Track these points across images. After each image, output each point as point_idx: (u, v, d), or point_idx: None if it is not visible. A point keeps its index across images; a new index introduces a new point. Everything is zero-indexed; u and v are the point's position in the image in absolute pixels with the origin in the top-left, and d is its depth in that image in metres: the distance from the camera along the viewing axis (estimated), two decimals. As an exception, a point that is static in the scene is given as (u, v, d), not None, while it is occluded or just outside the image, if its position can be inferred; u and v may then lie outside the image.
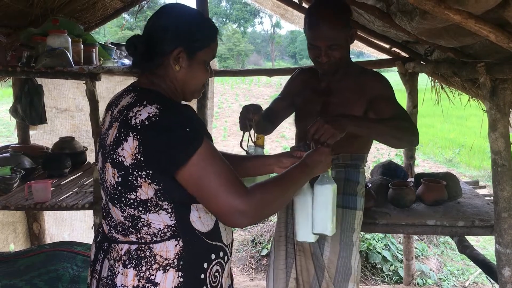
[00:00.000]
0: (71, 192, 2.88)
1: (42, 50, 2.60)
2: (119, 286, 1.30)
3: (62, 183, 3.07)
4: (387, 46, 3.40)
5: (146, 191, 1.27)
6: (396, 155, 7.31)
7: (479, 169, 8.28)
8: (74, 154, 3.38)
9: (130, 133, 1.24)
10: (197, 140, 1.25)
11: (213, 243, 1.39)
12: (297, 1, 3.27)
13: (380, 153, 8.27)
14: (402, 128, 1.84)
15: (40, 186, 2.62)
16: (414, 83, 3.39)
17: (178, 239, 1.32)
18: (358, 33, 3.32)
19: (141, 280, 1.30)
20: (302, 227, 1.72)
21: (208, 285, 1.37)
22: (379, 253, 4.21)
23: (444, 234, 2.54)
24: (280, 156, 1.71)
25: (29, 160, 3.16)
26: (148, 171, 1.25)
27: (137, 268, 1.30)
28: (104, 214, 1.44)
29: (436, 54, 2.76)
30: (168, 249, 1.31)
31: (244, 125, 1.89)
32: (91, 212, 2.79)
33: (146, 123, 1.23)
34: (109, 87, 3.94)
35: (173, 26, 1.36)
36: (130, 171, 1.26)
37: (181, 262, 1.32)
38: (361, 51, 4.14)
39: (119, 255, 1.33)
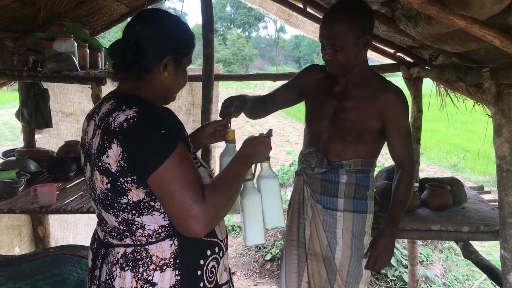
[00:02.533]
0: (76, 196, 2.89)
1: (49, 55, 2.63)
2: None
3: (67, 186, 3.08)
4: (392, 51, 3.40)
5: (137, 193, 1.29)
6: (400, 160, 7.28)
7: (484, 174, 8.25)
8: (79, 158, 3.36)
9: (114, 139, 1.25)
10: (171, 144, 1.25)
11: (209, 239, 1.41)
12: (301, 6, 3.28)
13: (384, 158, 8.24)
14: (411, 189, 2.08)
15: (45, 190, 2.63)
16: (418, 88, 3.39)
17: (173, 238, 1.34)
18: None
19: (139, 282, 1.31)
20: (254, 228, 1.67)
21: (205, 281, 1.39)
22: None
23: (449, 239, 2.53)
24: (203, 127, 1.81)
25: (34, 164, 3.17)
26: (133, 177, 1.27)
27: (134, 270, 1.32)
28: (98, 220, 1.46)
29: (440, 59, 2.76)
30: (164, 249, 1.33)
31: (223, 117, 1.80)
32: (95, 216, 2.79)
33: (125, 125, 1.24)
34: (114, 91, 3.96)
35: (161, 34, 1.37)
36: (117, 177, 1.27)
37: (178, 261, 1.34)
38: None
39: (116, 259, 1.35)
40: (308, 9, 3.29)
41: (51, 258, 2.60)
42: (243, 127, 14.47)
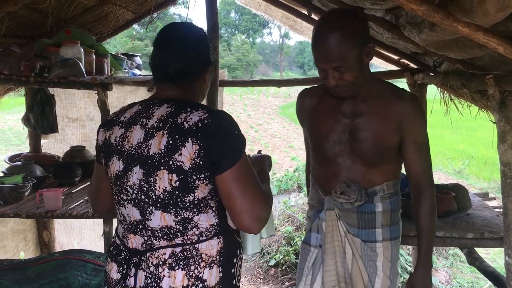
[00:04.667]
0: (82, 201, 2.91)
1: (55, 61, 2.65)
2: None
3: (73, 191, 3.10)
4: (396, 57, 3.41)
5: (203, 191, 1.37)
6: (405, 166, 7.28)
7: (489, 180, 8.23)
8: (84, 163, 3.42)
9: (189, 138, 1.33)
10: (243, 144, 1.40)
11: (239, 239, 1.54)
12: (306, 13, 3.30)
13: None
14: (435, 214, 1.92)
15: (51, 195, 2.65)
16: (423, 94, 3.40)
17: (220, 236, 1.44)
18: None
19: (190, 279, 1.38)
20: (255, 238, 1.82)
21: (236, 279, 1.50)
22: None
23: (453, 245, 2.52)
24: None
25: (40, 169, 3.20)
26: (206, 173, 1.35)
27: (185, 268, 1.38)
28: (133, 228, 1.47)
29: (444, 66, 2.77)
30: (212, 247, 1.42)
31: None
32: (100, 220, 2.81)
33: (199, 125, 1.33)
34: (119, 97, 3.98)
35: (202, 48, 1.52)
36: (189, 174, 1.34)
37: (221, 258, 1.43)
38: (370, 62, 4.15)
39: (162, 260, 1.39)
40: (313, 16, 3.31)
41: (56, 263, 2.62)
42: (247, 133, 14.48)
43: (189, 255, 1.39)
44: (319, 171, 1.98)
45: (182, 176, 1.33)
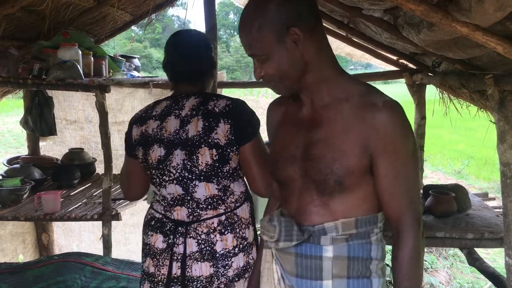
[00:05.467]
0: (80, 203, 2.90)
1: (53, 63, 2.65)
2: (221, 250, 1.67)
3: (71, 194, 3.09)
4: (395, 57, 3.40)
5: (235, 161, 1.68)
6: (404, 167, 7.26)
7: (488, 181, 8.22)
8: (83, 165, 3.41)
9: (221, 119, 1.64)
10: (259, 123, 1.74)
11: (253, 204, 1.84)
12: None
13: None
14: (420, 260, 1.34)
15: (49, 197, 2.64)
16: (422, 95, 3.39)
17: (248, 201, 1.78)
18: (365, 44, 3.36)
19: (238, 239, 1.70)
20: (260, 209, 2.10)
21: (257, 238, 1.76)
22: (387, 265, 4.18)
23: (453, 246, 2.52)
24: None
25: (39, 171, 3.19)
26: (236, 146, 1.66)
27: (233, 232, 1.69)
28: (177, 203, 1.70)
29: (443, 66, 2.76)
30: (245, 211, 1.75)
31: None
32: (99, 223, 2.80)
33: (227, 108, 1.66)
34: (118, 99, 3.97)
35: (209, 50, 1.81)
36: (225, 148, 1.64)
37: (251, 219, 1.77)
38: (369, 62, 4.15)
39: (212, 228, 1.67)
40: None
41: (55, 266, 2.61)
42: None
43: (233, 220, 1.70)
44: (275, 198, 1.57)
45: (220, 150, 1.64)
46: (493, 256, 4.90)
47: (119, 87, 3.84)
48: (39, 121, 3.50)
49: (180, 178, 1.66)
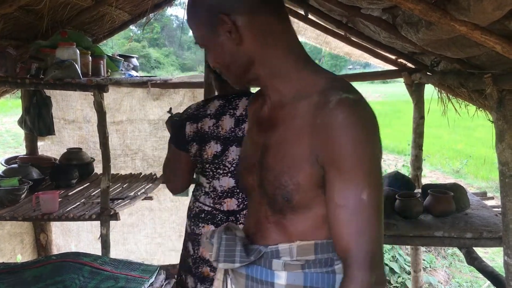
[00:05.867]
0: (78, 203, 2.90)
1: (51, 62, 2.64)
2: None
3: (70, 194, 3.08)
4: (393, 57, 3.40)
5: None
6: (403, 166, 7.29)
7: (487, 180, 8.23)
8: (81, 165, 3.40)
9: None
10: None
11: None
12: (303, 13, 3.29)
13: (386, 164, 8.25)
14: None
15: (47, 197, 2.64)
16: (420, 94, 3.39)
17: None
18: (364, 44, 3.36)
19: None
20: None
21: None
22: (386, 264, 4.19)
23: (452, 245, 2.52)
24: None
25: (37, 171, 3.18)
26: None
27: None
28: (228, 195, 1.87)
29: (442, 65, 2.76)
30: None
31: None
32: (98, 223, 2.79)
33: None
34: (116, 99, 3.97)
35: None
36: None
37: None
38: (368, 62, 4.15)
39: None
40: (310, 16, 3.30)
41: (53, 266, 2.60)
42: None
43: None
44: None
45: None
46: (492, 256, 4.91)
47: (117, 87, 3.83)
48: (37, 121, 3.49)
49: (235, 172, 1.84)
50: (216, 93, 2.10)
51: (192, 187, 2.07)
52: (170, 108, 2.26)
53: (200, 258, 1.89)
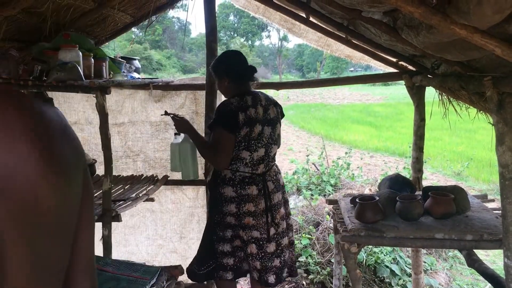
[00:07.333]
0: (80, 204, 2.90)
1: (54, 64, 2.65)
2: (282, 183, 2.88)
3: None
4: (394, 59, 3.41)
5: None
6: (404, 168, 7.30)
7: (488, 182, 8.22)
8: (83, 166, 3.41)
9: (276, 106, 2.85)
10: None
11: None
12: (304, 16, 3.30)
13: (387, 166, 8.25)
14: None
15: (49, 198, 2.64)
16: (421, 96, 3.40)
17: None
18: (365, 46, 3.37)
19: (282, 178, 2.96)
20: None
21: None
22: (387, 267, 4.19)
23: (452, 247, 2.53)
24: None
25: (39, 173, 3.19)
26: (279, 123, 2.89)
27: (280, 172, 2.95)
28: (260, 162, 2.71)
29: (443, 68, 2.77)
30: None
31: None
32: (99, 224, 2.80)
33: (273, 99, 2.86)
34: (118, 100, 3.98)
35: None
36: (280, 124, 2.90)
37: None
38: (368, 64, 4.16)
39: (275, 171, 2.84)
40: (311, 19, 3.31)
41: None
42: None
43: (278, 168, 2.90)
44: None
45: (280, 125, 2.86)
46: (493, 258, 4.91)
47: (119, 89, 3.85)
48: (40, 123, 3.50)
49: (267, 144, 2.71)
50: (223, 95, 2.87)
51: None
52: (165, 111, 2.94)
53: (245, 212, 2.65)
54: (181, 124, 2.83)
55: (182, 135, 3.09)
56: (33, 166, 0.66)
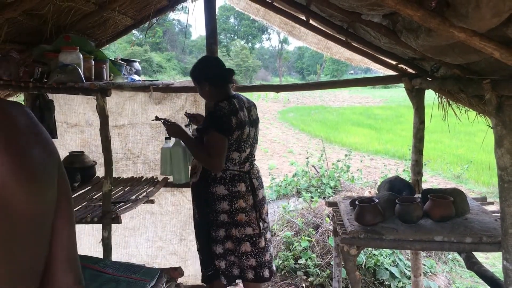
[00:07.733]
0: (80, 206, 2.91)
1: (54, 66, 2.66)
2: (263, 182, 2.99)
3: (72, 197, 3.09)
4: (394, 62, 3.42)
5: None
6: (403, 171, 7.30)
7: (487, 185, 8.22)
8: (83, 168, 3.42)
9: (256, 109, 2.98)
10: None
11: None
12: (304, 18, 3.31)
13: (387, 168, 8.25)
14: None
15: (50, 200, 2.65)
16: (421, 99, 3.41)
17: None
18: (364, 49, 3.38)
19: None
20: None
21: None
22: (386, 269, 4.19)
23: (452, 250, 2.53)
24: None
25: (39, 174, 3.19)
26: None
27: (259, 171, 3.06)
28: (246, 160, 2.82)
29: (442, 71, 2.78)
30: None
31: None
32: (99, 226, 2.81)
33: (252, 102, 2.99)
34: (118, 102, 3.99)
35: None
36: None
37: None
38: (368, 67, 4.17)
39: (257, 169, 2.96)
40: (311, 21, 3.32)
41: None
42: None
43: (257, 166, 2.99)
44: None
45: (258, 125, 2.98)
46: (492, 261, 4.91)
47: (120, 91, 3.85)
48: (40, 124, 3.50)
49: (252, 144, 2.84)
50: (206, 100, 3.16)
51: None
52: (156, 116, 3.05)
53: (237, 209, 2.75)
54: (172, 129, 2.88)
55: (173, 139, 3.13)
56: (4, 172, 0.66)
